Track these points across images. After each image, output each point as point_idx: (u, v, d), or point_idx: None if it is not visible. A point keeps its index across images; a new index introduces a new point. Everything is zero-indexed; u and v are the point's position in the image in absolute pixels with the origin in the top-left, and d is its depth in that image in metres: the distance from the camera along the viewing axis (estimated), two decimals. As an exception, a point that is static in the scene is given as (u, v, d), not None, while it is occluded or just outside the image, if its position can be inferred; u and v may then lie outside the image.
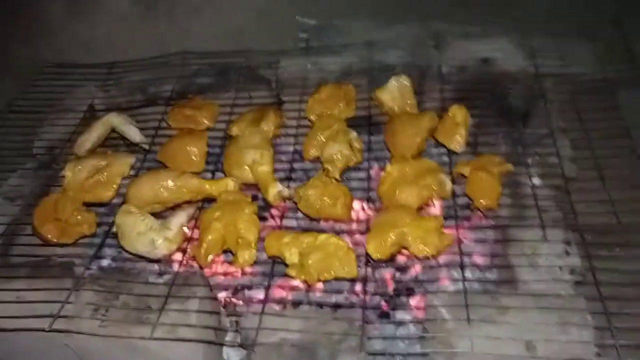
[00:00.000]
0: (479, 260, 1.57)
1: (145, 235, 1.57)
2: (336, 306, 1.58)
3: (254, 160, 1.72)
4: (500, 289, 1.46)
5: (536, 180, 1.66)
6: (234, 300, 1.64)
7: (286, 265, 1.52)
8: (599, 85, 1.89)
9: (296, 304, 1.57)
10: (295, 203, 1.70)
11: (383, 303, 1.59)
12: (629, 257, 1.47)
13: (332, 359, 1.35)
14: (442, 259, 1.58)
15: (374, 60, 2.12)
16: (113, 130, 1.99)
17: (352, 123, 1.91)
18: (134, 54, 2.36)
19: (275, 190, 1.67)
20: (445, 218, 1.59)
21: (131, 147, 2.06)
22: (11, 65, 2.51)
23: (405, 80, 1.87)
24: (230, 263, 1.67)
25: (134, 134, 1.96)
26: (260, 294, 1.61)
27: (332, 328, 1.40)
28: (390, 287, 1.63)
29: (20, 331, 1.46)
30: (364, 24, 2.71)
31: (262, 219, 1.72)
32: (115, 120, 1.98)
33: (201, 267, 1.60)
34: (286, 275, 1.54)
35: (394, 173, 1.65)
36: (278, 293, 1.64)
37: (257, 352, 1.38)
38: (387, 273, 1.66)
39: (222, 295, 1.64)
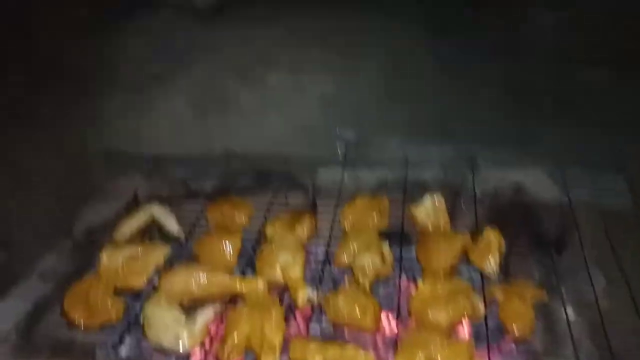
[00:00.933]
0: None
1: (171, 329, 1.56)
2: None
3: (286, 262, 1.74)
4: None
5: (570, 312, 1.62)
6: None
7: (309, 375, 1.48)
8: (632, 219, 1.90)
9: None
10: (322, 309, 1.69)
11: None
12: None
13: None
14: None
15: (408, 176, 2.19)
16: (153, 220, 2.05)
17: (384, 235, 1.94)
18: (180, 149, 2.48)
19: (304, 295, 1.67)
20: (475, 340, 1.55)
21: (165, 237, 2.11)
22: (62, 149, 2.66)
23: (440, 199, 1.92)
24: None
25: (172, 226, 2.02)
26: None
27: None
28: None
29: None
30: (399, 141, 2.84)
31: (287, 320, 1.70)
32: (156, 210, 2.05)
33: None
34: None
35: (427, 291, 1.64)
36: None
37: None
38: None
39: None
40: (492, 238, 1.75)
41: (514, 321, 1.56)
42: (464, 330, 1.71)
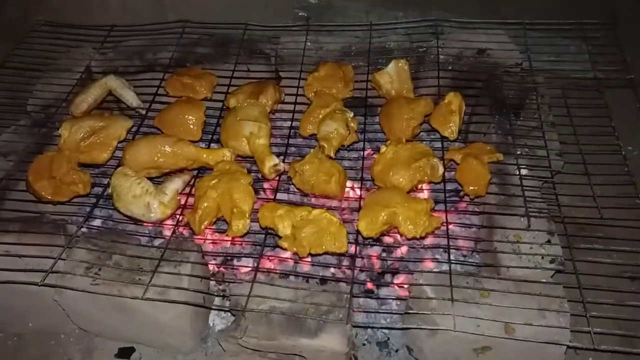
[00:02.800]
0: (464, 244, 1.63)
1: (141, 199, 1.58)
2: (323, 280, 1.64)
3: (251, 132, 1.74)
4: (484, 272, 1.52)
5: (524, 171, 1.71)
6: (223, 268, 1.68)
7: (278, 237, 1.56)
8: (588, 83, 1.95)
9: (284, 275, 1.62)
10: (289, 178, 1.73)
11: (369, 280, 1.65)
12: (608, 250, 1.55)
13: (319, 329, 1.40)
14: (429, 241, 1.63)
15: (372, 43, 2.14)
16: (110, 93, 1.98)
17: (349, 103, 1.95)
18: (132, 19, 2.33)
19: (271, 164, 1.69)
20: (435, 202, 1.64)
21: (125, 111, 2.07)
22: (2, 24, 2.48)
23: (404, 65, 1.90)
24: (222, 232, 1.70)
25: (131, 98, 1.96)
26: (250, 263, 1.65)
27: (320, 299, 1.44)
28: (377, 265, 1.69)
29: (11, 284, 1.47)
30: (363, 6, 2.74)
31: (255, 192, 1.75)
32: (113, 82, 1.97)
33: (194, 234, 1.62)
34: (277, 247, 1.59)
35: (389, 154, 1.69)
36: (267, 264, 1.69)
37: (247, 317, 1.41)
38: (373, 252, 1.72)
39: (213, 262, 1.68)
40: (454, 102, 1.78)
41: (470, 181, 1.64)
42: (423, 192, 1.80)
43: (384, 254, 1.72)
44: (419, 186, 1.71)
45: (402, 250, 1.73)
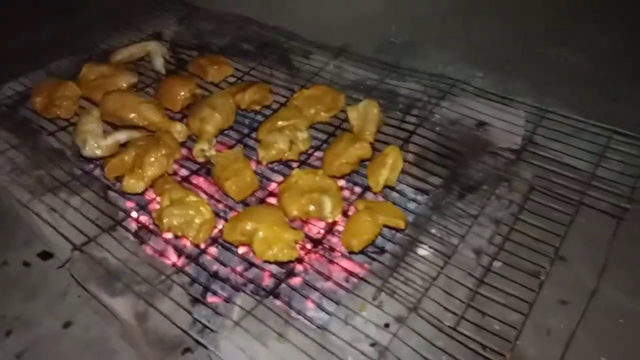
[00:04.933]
0: (311, 293, 1.52)
1: (83, 134, 1.83)
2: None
3: (204, 116, 1.87)
4: (293, 318, 1.40)
5: (422, 251, 1.51)
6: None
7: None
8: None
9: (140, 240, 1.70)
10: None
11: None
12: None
13: (120, 293, 1.47)
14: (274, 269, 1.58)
15: (387, 84, 2.08)
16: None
17: (323, 128, 1.95)
18: (213, 4, 2.63)
19: (200, 147, 1.80)
20: (312, 240, 1.57)
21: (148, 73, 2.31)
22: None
23: (374, 107, 1.81)
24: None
25: (158, 63, 2.25)
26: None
27: (140, 270, 1.49)
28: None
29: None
30: (445, 57, 2.64)
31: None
32: (153, 47, 2.28)
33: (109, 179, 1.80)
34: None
35: (294, 178, 1.66)
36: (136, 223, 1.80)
37: (74, 257, 1.55)
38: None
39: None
40: (390, 155, 1.65)
41: (351, 233, 1.51)
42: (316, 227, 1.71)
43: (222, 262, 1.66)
44: (310, 219, 1.64)
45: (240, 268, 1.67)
